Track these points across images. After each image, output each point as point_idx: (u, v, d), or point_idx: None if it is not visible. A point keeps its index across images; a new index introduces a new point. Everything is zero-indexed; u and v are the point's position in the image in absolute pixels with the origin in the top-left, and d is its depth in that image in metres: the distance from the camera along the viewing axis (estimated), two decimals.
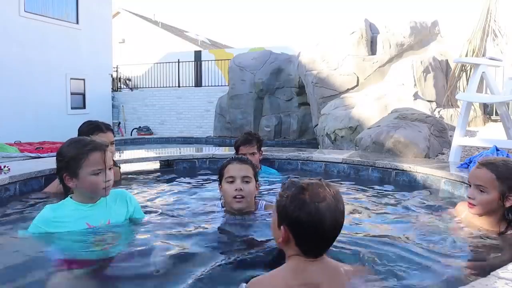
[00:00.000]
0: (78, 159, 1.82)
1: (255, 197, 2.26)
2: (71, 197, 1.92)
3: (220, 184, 2.24)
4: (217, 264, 1.63)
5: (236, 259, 1.69)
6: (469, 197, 2.00)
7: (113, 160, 2.87)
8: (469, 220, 2.07)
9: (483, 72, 4.24)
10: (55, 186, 2.71)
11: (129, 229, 2.00)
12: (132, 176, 3.74)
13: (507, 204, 1.91)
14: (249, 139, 3.28)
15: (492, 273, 1.23)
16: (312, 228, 1.31)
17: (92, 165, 1.82)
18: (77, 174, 1.83)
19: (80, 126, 2.91)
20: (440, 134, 5.03)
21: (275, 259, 1.56)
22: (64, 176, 1.85)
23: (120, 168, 3.35)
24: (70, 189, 1.95)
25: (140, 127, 14.58)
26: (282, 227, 1.35)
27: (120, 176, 3.31)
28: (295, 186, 1.36)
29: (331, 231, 1.34)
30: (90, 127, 2.84)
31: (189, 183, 3.50)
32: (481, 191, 1.95)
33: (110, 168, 1.90)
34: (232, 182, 2.15)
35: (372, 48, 8.73)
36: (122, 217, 2.00)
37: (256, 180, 2.22)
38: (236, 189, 2.13)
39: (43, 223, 1.83)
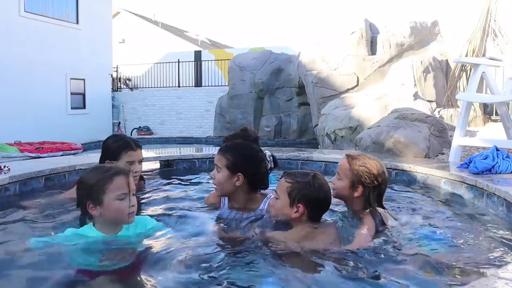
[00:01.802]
0: (102, 184, 1.75)
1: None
2: (93, 225, 1.82)
3: None
4: (217, 264, 1.64)
5: (236, 257, 1.70)
6: (332, 183, 2.19)
7: (141, 175, 2.80)
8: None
9: (483, 72, 4.24)
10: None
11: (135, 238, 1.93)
12: None
13: (355, 194, 2.06)
14: (235, 135, 2.97)
15: (492, 273, 1.23)
16: (325, 202, 1.91)
17: (116, 189, 1.75)
18: (102, 200, 1.74)
19: (107, 140, 2.68)
20: (440, 134, 5.03)
21: None
22: (88, 204, 1.76)
23: (144, 182, 3.14)
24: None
25: (140, 127, 14.58)
26: (300, 205, 1.84)
27: (143, 189, 3.09)
28: (308, 174, 1.91)
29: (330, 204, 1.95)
30: (119, 144, 2.59)
31: (189, 183, 3.50)
32: (338, 179, 2.13)
33: (133, 194, 1.82)
34: None
35: (372, 48, 8.73)
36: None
37: (235, 172, 2.14)
38: (211, 175, 2.24)
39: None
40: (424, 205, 2.77)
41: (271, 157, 2.45)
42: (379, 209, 2.05)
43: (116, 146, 2.58)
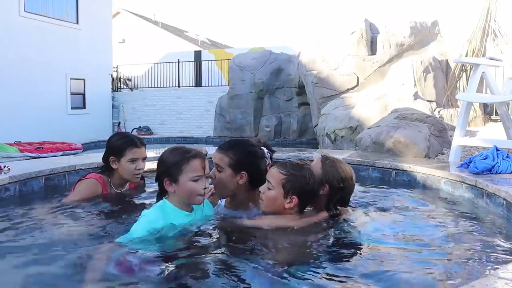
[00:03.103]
0: (179, 164, 1.89)
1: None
2: (166, 199, 1.94)
3: None
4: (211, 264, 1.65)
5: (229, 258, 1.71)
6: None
7: (142, 175, 2.81)
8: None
9: (483, 72, 4.23)
10: (85, 190, 2.57)
11: None
12: None
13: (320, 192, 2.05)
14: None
15: (492, 273, 1.23)
16: (316, 194, 2.00)
17: (191, 171, 1.88)
18: (178, 179, 1.88)
19: (112, 138, 2.77)
20: (440, 134, 5.03)
21: None
22: (165, 180, 1.90)
23: (145, 181, 3.02)
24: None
25: (140, 127, 14.57)
26: (294, 196, 1.92)
27: (144, 189, 2.98)
28: (302, 167, 1.98)
29: None
30: (124, 141, 2.66)
31: None
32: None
33: (207, 177, 1.96)
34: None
35: (372, 48, 8.73)
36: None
37: (239, 170, 2.09)
38: (210, 175, 2.12)
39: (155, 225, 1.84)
40: (423, 205, 2.77)
41: (269, 154, 2.40)
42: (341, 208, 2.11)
43: (121, 143, 2.63)
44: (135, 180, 2.73)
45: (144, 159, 2.67)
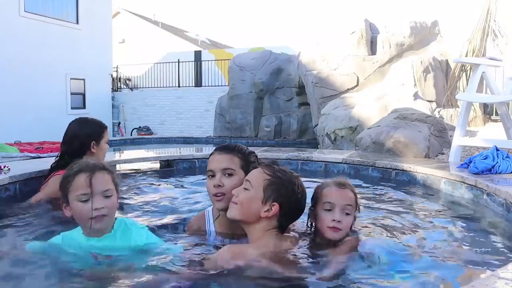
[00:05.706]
0: (66, 182, 1.61)
1: None
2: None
3: None
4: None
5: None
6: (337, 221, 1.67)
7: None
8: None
9: (483, 72, 4.23)
10: (50, 188, 2.58)
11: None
12: (132, 176, 3.74)
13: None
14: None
15: (492, 273, 1.23)
16: (300, 212, 1.64)
17: (76, 189, 1.58)
18: (68, 200, 1.61)
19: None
20: (440, 134, 5.03)
21: None
22: (63, 204, 1.63)
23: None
24: None
25: (140, 127, 14.57)
26: (275, 204, 1.56)
27: None
28: (291, 174, 1.65)
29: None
30: None
31: (189, 183, 3.50)
32: (347, 213, 1.70)
33: (107, 196, 1.61)
34: (212, 176, 1.79)
35: (372, 48, 8.73)
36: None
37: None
38: (214, 185, 1.75)
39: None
40: (423, 205, 2.77)
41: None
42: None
43: None
44: None
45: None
